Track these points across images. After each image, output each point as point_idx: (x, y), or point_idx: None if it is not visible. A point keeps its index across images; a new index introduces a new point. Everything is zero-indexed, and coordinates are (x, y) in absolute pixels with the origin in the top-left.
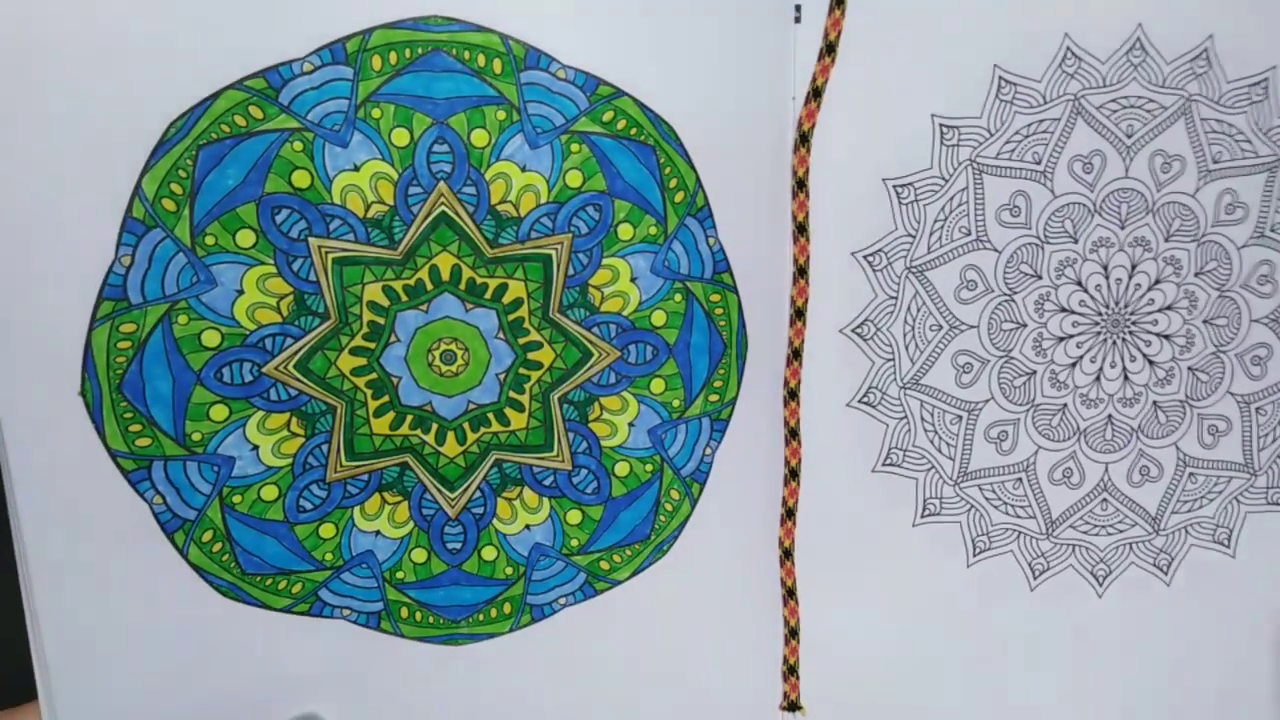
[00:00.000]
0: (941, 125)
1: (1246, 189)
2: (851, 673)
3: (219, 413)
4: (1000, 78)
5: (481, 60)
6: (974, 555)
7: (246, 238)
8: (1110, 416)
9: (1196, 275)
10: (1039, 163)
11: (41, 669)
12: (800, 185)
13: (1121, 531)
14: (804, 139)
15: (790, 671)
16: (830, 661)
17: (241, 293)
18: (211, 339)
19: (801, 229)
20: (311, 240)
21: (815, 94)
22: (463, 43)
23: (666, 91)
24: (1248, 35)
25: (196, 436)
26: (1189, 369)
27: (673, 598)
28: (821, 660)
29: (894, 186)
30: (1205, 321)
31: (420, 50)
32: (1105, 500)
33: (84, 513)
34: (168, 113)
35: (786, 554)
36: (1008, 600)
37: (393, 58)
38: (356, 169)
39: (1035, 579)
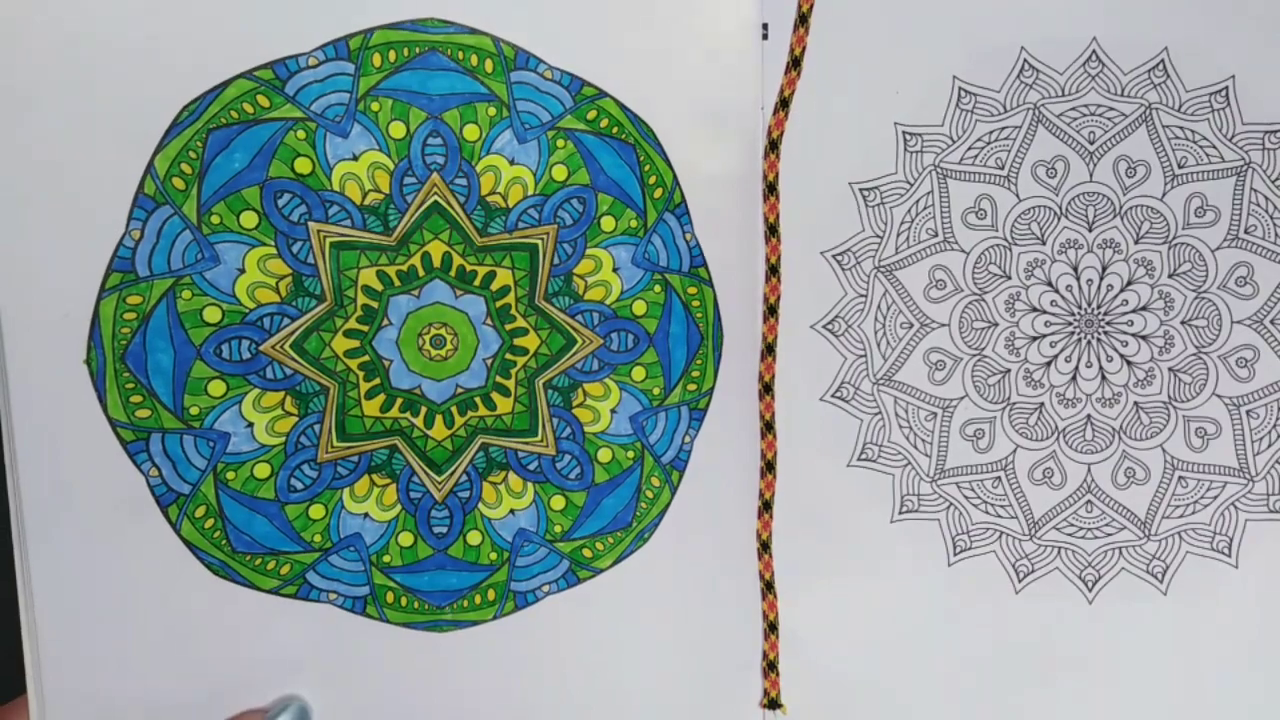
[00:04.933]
0: (905, 133)
1: (1215, 193)
2: (830, 669)
3: (216, 388)
4: (960, 89)
5: (474, 60)
6: (955, 554)
7: (250, 219)
8: (1089, 416)
9: (1170, 277)
10: (1002, 168)
11: (31, 636)
12: (771, 189)
13: (1109, 535)
14: (773, 146)
15: (770, 668)
16: (809, 657)
17: (243, 272)
18: (213, 315)
19: (773, 230)
20: (311, 224)
21: (783, 104)
22: (457, 43)
23: (645, 97)
24: (1204, 45)
25: (194, 411)
26: (1170, 370)
27: (654, 587)
28: (799, 656)
29: (860, 190)
30: (1184, 322)
31: (418, 49)
32: (1090, 502)
33: (83, 481)
34: (182, 97)
35: (764, 547)
36: (992, 602)
37: (392, 55)
38: (355, 158)
39: (1020, 581)
